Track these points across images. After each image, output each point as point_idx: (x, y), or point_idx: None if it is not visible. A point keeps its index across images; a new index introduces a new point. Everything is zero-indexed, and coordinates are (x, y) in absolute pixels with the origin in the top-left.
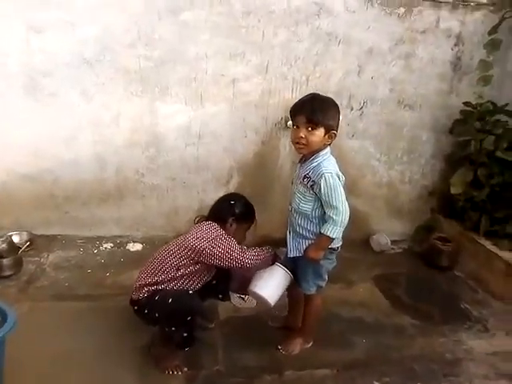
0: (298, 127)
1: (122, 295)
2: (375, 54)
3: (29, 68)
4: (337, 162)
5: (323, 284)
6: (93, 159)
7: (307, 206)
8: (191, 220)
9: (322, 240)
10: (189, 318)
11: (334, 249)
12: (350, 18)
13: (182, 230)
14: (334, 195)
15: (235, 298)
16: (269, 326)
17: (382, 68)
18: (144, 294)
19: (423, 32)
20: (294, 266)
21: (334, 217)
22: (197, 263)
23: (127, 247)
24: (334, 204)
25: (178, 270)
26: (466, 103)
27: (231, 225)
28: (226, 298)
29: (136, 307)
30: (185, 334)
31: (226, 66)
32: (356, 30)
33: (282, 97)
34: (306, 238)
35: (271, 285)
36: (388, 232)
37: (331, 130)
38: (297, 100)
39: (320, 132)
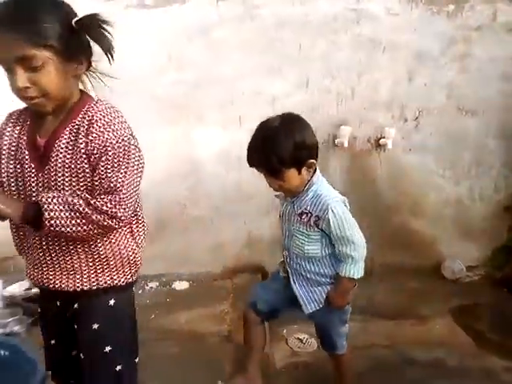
0: (265, 176)
1: (167, 340)
2: (425, 59)
3: None
4: (395, 179)
5: (347, 330)
6: None
7: (315, 248)
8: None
9: (344, 283)
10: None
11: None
12: (392, 22)
13: (227, 264)
14: (346, 228)
15: (292, 339)
16: None
17: (435, 73)
18: None
19: (478, 29)
20: (314, 324)
21: (353, 253)
22: None
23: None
24: (350, 238)
25: None
26: None
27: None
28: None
29: None
30: None
31: (263, 83)
32: (401, 34)
33: (327, 112)
34: (321, 283)
35: None
36: (460, 257)
37: (304, 163)
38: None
39: (292, 175)
